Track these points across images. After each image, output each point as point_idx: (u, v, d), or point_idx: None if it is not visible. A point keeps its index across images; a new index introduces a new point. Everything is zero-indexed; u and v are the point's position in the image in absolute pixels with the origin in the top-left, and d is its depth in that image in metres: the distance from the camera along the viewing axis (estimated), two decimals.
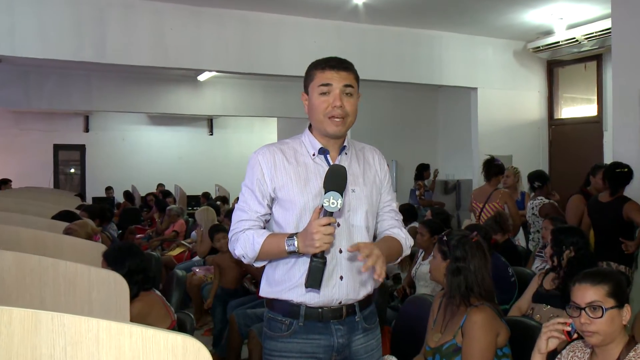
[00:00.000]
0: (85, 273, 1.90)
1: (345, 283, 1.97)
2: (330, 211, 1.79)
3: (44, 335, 0.91)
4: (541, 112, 8.32)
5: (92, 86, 9.64)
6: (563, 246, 3.21)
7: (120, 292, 1.89)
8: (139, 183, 12.81)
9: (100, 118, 13.73)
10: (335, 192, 1.78)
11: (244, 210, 2.00)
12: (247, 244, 1.93)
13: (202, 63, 6.64)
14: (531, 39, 7.77)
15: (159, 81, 10.03)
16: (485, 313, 2.38)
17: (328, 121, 1.96)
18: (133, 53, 6.10)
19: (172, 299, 4.04)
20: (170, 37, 6.21)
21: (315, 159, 2.02)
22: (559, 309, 3.02)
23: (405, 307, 3.42)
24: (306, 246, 1.81)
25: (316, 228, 1.77)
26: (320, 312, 1.97)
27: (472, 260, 2.51)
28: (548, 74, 8.36)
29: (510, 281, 3.82)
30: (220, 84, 10.44)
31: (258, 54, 6.61)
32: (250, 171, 2.02)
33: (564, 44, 7.29)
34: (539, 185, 5.65)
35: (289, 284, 1.97)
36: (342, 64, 1.98)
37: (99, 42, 5.94)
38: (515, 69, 8.04)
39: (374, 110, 9.00)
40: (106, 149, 13.74)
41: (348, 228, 1.98)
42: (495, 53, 7.88)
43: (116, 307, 1.89)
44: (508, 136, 7.93)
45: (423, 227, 4.50)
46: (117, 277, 1.91)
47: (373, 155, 2.13)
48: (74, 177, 13.99)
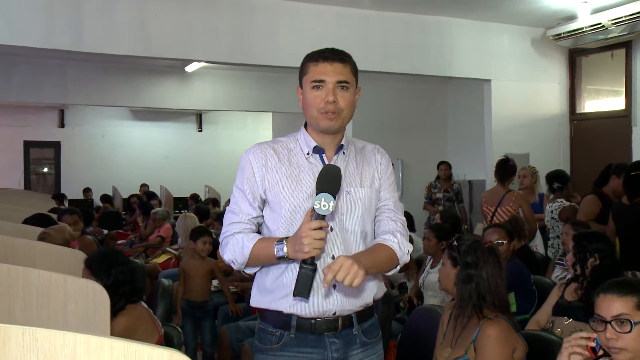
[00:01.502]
0: (60, 283, 1.89)
1: (340, 292, 1.98)
2: (322, 214, 1.80)
3: (15, 352, 0.90)
4: (562, 105, 8.32)
5: (68, 77, 9.61)
6: (587, 253, 3.20)
7: (100, 304, 1.88)
8: (121, 184, 12.79)
9: (77, 112, 13.71)
10: (327, 193, 1.80)
11: (235, 213, 2.03)
12: (236, 248, 1.96)
13: (190, 52, 6.63)
14: (551, 25, 7.76)
15: (143, 72, 10.02)
16: (501, 326, 2.37)
17: (321, 116, 1.98)
18: (113, 41, 6.08)
19: (157, 310, 4.03)
20: (154, 23, 6.20)
21: (309, 158, 2.04)
22: (582, 322, 3.01)
23: (412, 319, 3.42)
24: (296, 251, 1.83)
25: (306, 232, 1.79)
26: (312, 323, 1.99)
27: (485, 266, 2.51)
28: (570, 64, 8.35)
29: (531, 288, 3.83)
30: (210, 75, 10.44)
31: (251, 43, 6.61)
32: (240, 171, 2.06)
33: (588, 30, 7.25)
34: (558, 186, 5.65)
35: (278, 292, 1.99)
36: (337, 56, 2.01)
37: (74, 28, 5.90)
38: (533, 59, 8.04)
39: (377, 105, 8.99)
40: (84, 147, 13.72)
41: (342, 233, 2.00)
42: (511, 41, 7.88)
43: (95, 320, 1.88)
44: (525, 133, 7.92)
45: (430, 231, 4.50)
46: (96, 287, 1.90)
47: (374, 155, 2.15)
48: (48, 177, 13.97)
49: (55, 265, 2.89)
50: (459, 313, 2.51)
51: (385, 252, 2.01)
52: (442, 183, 8.21)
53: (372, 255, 1.96)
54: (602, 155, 7.75)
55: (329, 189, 1.81)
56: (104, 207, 11.54)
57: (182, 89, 10.47)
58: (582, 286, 3.16)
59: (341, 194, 1.99)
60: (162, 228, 8.02)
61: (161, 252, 7.45)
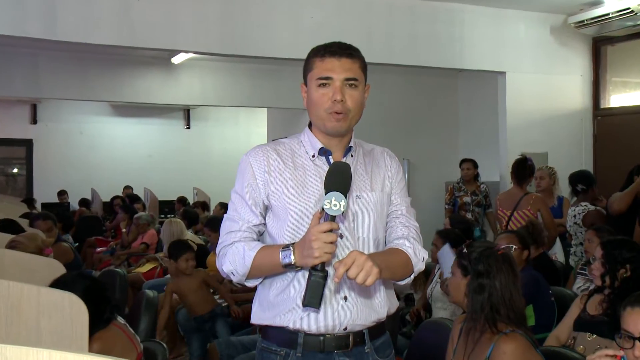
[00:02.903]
0: (33, 295, 1.88)
1: (351, 305, 1.97)
2: (333, 215, 1.79)
3: None
4: (584, 100, 8.32)
5: (41, 68, 9.58)
6: (617, 264, 3.18)
7: (77, 318, 1.87)
8: (100, 186, 12.77)
9: (51, 107, 13.68)
10: (338, 192, 1.78)
11: (234, 220, 2.02)
12: (236, 258, 1.94)
13: (177, 42, 6.62)
14: (573, 11, 7.75)
15: (125, 63, 10.00)
16: (517, 342, 2.37)
17: (328, 117, 1.98)
18: (92, 29, 6.07)
19: (140, 324, 4.02)
20: (137, 9, 6.19)
21: (315, 160, 2.05)
22: (607, 338, 3.00)
23: (419, 334, 3.43)
24: (304, 257, 1.81)
25: (315, 235, 1.77)
26: (321, 340, 1.97)
27: (498, 275, 2.51)
28: (594, 54, 8.35)
29: (549, 301, 3.82)
30: (199, 67, 10.43)
31: (244, 32, 6.60)
32: (240, 175, 2.05)
33: (615, 16, 7.19)
34: (583, 188, 5.64)
35: (284, 306, 1.98)
36: (345, 50, 2.00)
37: (47, 14, 5.86)
38: (552, 49, 8.04)
39: (382, 100, 8.99)
40: (59, 145, 13.71)
41: (353, 240, 1.99)
42: (528, 29, 7.88)
43: (72, 336, 1.87)
44: (543, 130, 7.92)
45: (438, 238, 4.51)
46: (72, 298, 1.89)
47: (384, 158, 2.16)
48: (18, 178, 13.94)
49: (27, 275, 2.88)
50: (470, 327, 2.50)
51: (399, 255, 2.01)
52: (467, 185, 7.59)
53: (387, 257, 1.95)
54: (629, 155, 7.73)
55: (339, 187, 1.79)
56: (80, 210, 11.52)
57: (168, 82, 10.47)
58: (608, 298, 3.15)
59: (351, 198, 1.99)
60: (146, 234, 8.02)
61: (145, 261, 7.44)
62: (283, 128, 10.97)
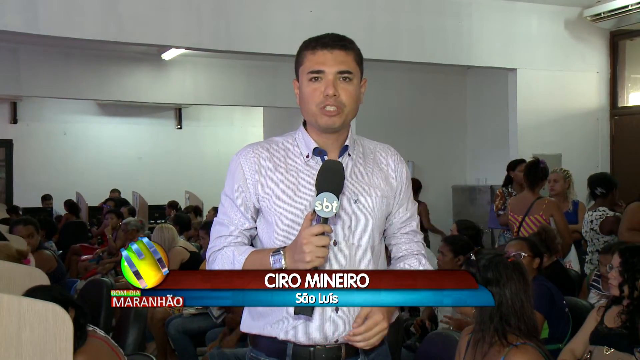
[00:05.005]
0: (13, 306, 1.88)
1: (343, 317, 1.98)
2: (325, 217, 1.79)
3: None
4: (601, 98, 8.33)
5: (21, 64, 9.57)
6: (636, 272, 3.18)
7: (61, 330, 1.88)
8: (86, 190, 12.75)
9: (32, 106, 13.67)
10: (329, 192, 1.79)
11: (224, 225, 2.03)
12: (225, 263, 1.96)
13: (168, 37, 6.63)
14: (589, 3, 7.76)
15: (112, 60, 10.01)
16: (529, 355, 2.37)
17: (320, 112, 1.98)
18: (76, 22, 6.07)
19: (128, 337, 4.02)
20: (125, 2, 6.20)
21: (309, 161, 2.04)
22: (626, 352, 3.01)
23: (424, 346, 3.42)
24: (295, 261, 1.82)
25: (307, 238, 1.78)
26: (311, 351, 1.98)
27: (508, 283, 2.51)
28: (611, 49, 8.36)
29: (562, 312, 3.82)
30: (191, 64, 10.45)
31: (239, 27, 6.61)
32: (230, 177, 2.06)
33: (635, 8, 7.18)
34: (602, 192, 5.60)
35: (274, 315, 1.99)
36: (337, 42, 2.00)
37: (29, 6, 5.86)
38: (566, 44, 8.05)
39: (385, 99, 9.00)
40: (41, 146, 13.71)
41: (348, 248, 2.00)
42: (540, 23, 7.89)
43: (55, 349, 1.87)
44: (556, 130, 7.93)
45: (445, 245, 4.51)
46: (57, 309, 1.90)
47: (387, 157, 2.15)
48: None
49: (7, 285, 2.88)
50: (478, 338, 2.50)
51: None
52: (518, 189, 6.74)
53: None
54: None
55: (332, 188, 1.80)
56: (66, 216, 11.50)
57: (158, 79, 10.48)
58: (627, 310, 3.15)
59: (347, 202, 1.99)
60: None
61: None
62: (280, 128, 10.97)
